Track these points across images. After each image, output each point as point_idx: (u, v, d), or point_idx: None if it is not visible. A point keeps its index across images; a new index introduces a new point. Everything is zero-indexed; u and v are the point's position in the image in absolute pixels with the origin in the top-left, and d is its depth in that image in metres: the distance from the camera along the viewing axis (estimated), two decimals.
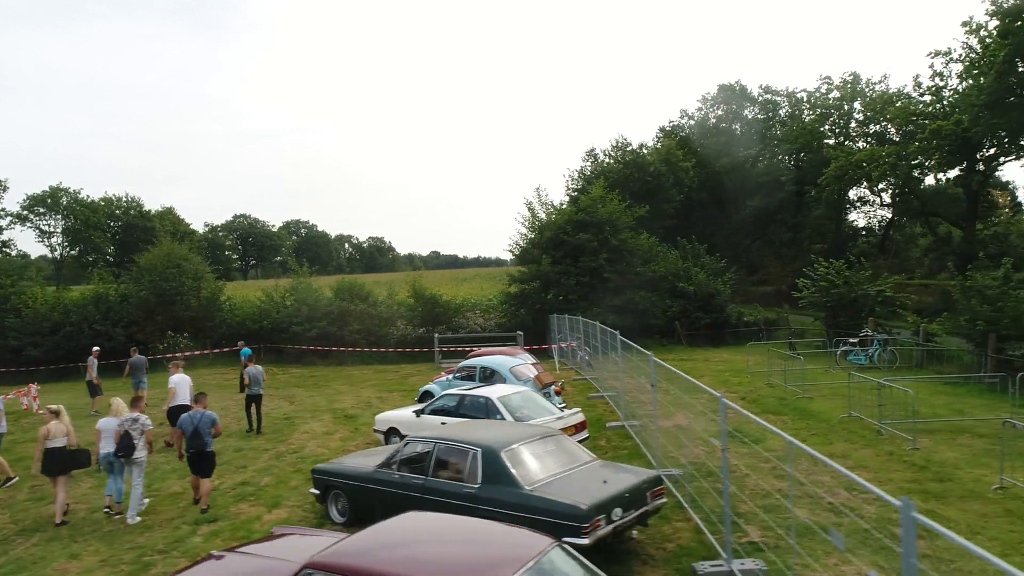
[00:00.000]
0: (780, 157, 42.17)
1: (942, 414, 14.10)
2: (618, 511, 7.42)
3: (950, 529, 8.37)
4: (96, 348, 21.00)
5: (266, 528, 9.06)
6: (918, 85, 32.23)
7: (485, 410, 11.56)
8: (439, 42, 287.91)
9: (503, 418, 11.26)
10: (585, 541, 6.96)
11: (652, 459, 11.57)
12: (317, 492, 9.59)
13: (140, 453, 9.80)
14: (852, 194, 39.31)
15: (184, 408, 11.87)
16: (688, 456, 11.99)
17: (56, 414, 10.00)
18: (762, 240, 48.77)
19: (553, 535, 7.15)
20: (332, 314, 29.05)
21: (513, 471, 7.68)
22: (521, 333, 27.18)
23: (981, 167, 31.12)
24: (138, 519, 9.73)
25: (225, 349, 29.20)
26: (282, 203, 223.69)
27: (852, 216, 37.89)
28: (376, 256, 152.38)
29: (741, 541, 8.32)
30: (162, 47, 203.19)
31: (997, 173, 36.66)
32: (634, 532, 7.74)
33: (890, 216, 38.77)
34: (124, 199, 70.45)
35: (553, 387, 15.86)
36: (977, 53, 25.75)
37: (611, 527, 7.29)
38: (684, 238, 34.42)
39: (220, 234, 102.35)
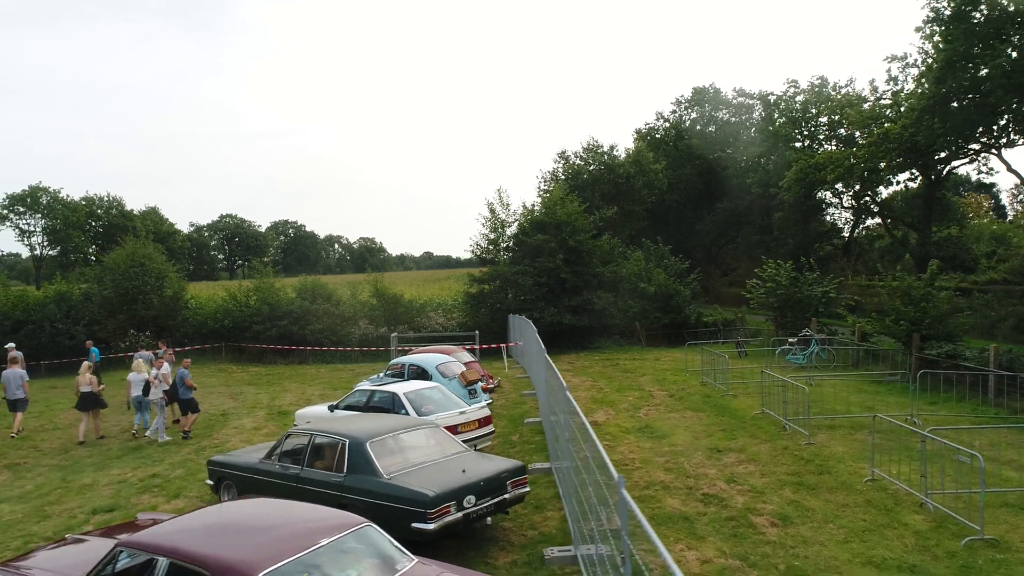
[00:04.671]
0: (746, 160, 42.62)
1: (854, 411, 14.48)
2: (471, 499, 7.76)
3: (807, 518, 8.81)
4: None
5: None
6: (874, 90, 32.79)
7: (391, 405, 11.90)
8: (436, 43, 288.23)
9: (407, 412, 11.59)
10: (430, 526, 7.30)
11: (552, 453, 11.90)
12: (211, 483, 9.91)
13: (156, 394, 14.53)
14: (820, 196, 39.67)
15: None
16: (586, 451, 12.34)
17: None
18: (736, 242, 49.32)
19: (400, 520, 7.56)
20: (293, 314, 29.36)
21: (375, 461, 8.01)
22: (477, 332, 27.52)
23: (940, 170, 31.64)
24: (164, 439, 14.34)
25: (187, 347, 29.46)
26: (282, 204, 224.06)
27: (821, 218, 38.13)
28: (366, 256, 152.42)
29: (601, 528, 8.65)
30: (156, 49, 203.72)
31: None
32: (488, 519, 8.06)
33: (853, 219, 39.19)
34: (106, 199, 70.68)
35: (480, 384, 16.21)
36: (933, 58, 26.20)
37: (461, 514, 7.63)
38: (649, 239, 34.78)
39: (206, 234, 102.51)
